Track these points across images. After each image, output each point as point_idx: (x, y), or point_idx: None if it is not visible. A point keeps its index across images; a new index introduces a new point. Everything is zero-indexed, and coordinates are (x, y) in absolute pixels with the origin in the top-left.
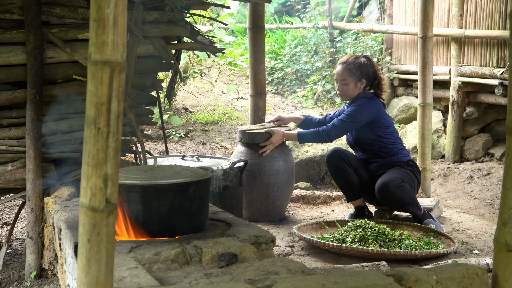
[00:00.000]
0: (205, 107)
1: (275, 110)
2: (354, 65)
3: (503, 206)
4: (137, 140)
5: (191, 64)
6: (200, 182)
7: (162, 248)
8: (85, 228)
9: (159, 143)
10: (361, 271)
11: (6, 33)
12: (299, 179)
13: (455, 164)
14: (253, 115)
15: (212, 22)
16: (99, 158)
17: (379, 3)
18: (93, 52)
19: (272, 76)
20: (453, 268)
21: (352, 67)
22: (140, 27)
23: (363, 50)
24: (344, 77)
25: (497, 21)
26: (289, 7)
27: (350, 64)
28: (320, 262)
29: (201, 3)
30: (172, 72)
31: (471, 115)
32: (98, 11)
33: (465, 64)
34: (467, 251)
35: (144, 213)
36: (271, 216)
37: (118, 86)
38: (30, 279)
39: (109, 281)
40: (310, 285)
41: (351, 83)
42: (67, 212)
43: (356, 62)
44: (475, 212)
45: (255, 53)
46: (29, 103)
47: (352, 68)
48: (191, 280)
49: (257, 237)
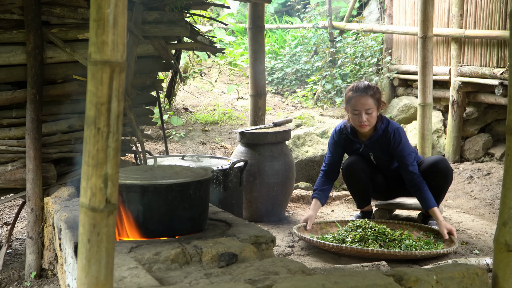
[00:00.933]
0: (205, 107)
1: (275, 110)
2: (376, 91)
3: (503, 206)
4: (137, 140)
5: (191, 64)
6: (200, 182)
7: (162, 248)
8: (85, 228)
9: (159, 143)
10: (361, 271)
11: (6, 33)
12: (299, 179)
13: (455, 164)
14: (253, 115)
15: (212, 22)
16: (99, 158)
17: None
18: (93, 52)
19: (272, 76)
20: (453, 268)
21: (376, 94)
22: (140, 27)
23: (363, 50)
24: (370, 106)
25: (497, 21)
26: (289, 7)
27: (374, 90)
28: (320, 262)
29: (201, 3)
30: (172, 72)
31: (471, 115)
32: (98, 11)
33: (465, 64)
34: (467, 251)
35: (144, 213)
36: (271, 216)
37: (118, 86)
38: (30, 279)
39: (109, 281)
40: (310, 285)
41: (375, 111)
42: (67, 212)
43: (375, 87)
44: (475, 212)
45: (255, 53)
46: (29, 103)
47: (375, 94)
48: (191, 280)
49: (257, 237)
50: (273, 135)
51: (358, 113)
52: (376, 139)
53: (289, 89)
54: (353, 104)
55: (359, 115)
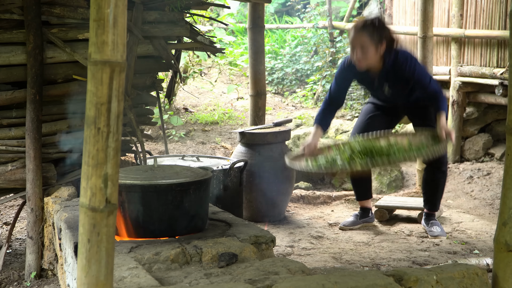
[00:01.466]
0: (205, 107)
1: (275, 110)
2: (378, 28)
3: (503, 206)
4: (137, 140)
5: (191, 64)
6: (200, 182)
7: (162, 248)
8: (85, 228)
9: (159, 143)
10: (361, 271)
11: (6, 33)
12: (299, 179)
13: (455, 164)
14: (253, 115)
15: (212, 22)
16: (99, 158)
17: (379, 3)
18: (93, 52)
19: (272, 76)
20: (453, 268)
21: (376, 31)
22: (140, 27)
23: None
24: (365, 43)
25: (497, 21)
26: (289, 7)
27: (373, 27)
28: (320, 262)
29: (201, 3)
30: (172, 72)
31: (471, 115)
32: (98, 11)
33: (465, 64)
34: (467, 251)
35: (144, 213)
36: (271, 216)
37: (118, 86)
38: (30, 279)
39: (109, 281)
40: (310, 285)
41: (371, 49)
42: (67, 212)
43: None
44: (475, 212)
45: (255, 53)
46: (29, 103)
47: (375, 31)
48: (191, 280)
49: (257, 237)
50: (273, 135)
51: (353, 49)
52: (386, 73)
53: (289, 89)
54: (350, 41)
55: (354, 52)
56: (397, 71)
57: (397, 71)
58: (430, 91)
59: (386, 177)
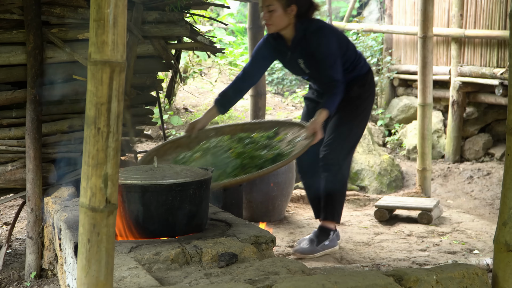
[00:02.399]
0: (205, 107)
1: (275, 110)
2: None
3: (503, 206)
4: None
5: (191, 64)
6: (200, 182)
7: (162, 248)
8: (85, 228)
9: (159, 143)
10: (361, 271)
11: (6, 33)
12: (299, 179)
13: (455, 164)
14: (253, 115)
15: (212, 22)
16: (99, 158)
17: (379, 3)
18: (93, 52)
19: (272, 76)
20: (453, 268)
21: None
22: (140, 27)
23: (363, 50)
24: (271, 2)
25: (497, 21)
26: None
27: None
28: (320, 262)
29: (201, 3)
30: (172, 72)
31: (471, 115)
32: (98, 11)
33: (465, 64)
34: (467, 251)
35: (144, 213)
36: (271, 216)
37: (118, 86)
38: (30, 279)
39: (109, 281)
40: (310, 285)
41: (279, 10)
42: (67, 212)
43: None
44: (475, 212)
45: None
46: (29, 103)
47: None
48: (191, 280)
49: (257, 237)
50: None
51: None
52: (298, 42)
53: (289, 89)
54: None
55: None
56: (306, 45)
57: (306, 44)
58: (326, 76)
59: (386, 177)
